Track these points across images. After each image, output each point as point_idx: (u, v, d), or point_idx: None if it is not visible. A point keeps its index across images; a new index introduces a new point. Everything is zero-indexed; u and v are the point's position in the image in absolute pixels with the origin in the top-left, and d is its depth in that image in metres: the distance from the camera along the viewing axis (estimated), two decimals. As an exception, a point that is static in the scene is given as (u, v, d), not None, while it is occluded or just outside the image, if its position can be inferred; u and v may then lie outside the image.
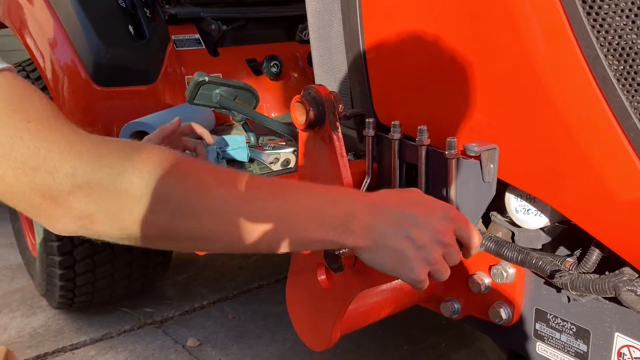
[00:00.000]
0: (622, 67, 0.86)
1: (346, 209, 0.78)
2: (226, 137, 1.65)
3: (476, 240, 0.85)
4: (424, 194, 0.88)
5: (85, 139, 0.65)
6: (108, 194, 0.65)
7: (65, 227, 0.66)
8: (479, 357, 2.26)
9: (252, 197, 0.74)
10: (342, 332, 1.24)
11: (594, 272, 1.04)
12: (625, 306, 0.97)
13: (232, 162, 1.68)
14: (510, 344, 1.30)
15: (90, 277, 2.31)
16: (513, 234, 1.23)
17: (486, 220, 1.25)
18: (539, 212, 1.13)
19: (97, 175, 0.64)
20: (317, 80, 1.47)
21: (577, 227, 1.15)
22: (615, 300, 1.05)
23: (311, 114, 1.07)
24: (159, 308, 2.64)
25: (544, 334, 1.21)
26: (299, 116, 1.09)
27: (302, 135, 1.16)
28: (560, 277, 1.04)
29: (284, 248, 0.76)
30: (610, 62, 0.86)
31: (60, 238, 2.17)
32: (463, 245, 0.84)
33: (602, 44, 0.86)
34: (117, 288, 2.46)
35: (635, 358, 1.05)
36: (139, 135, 1.78)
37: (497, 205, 1.18)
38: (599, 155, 0.91)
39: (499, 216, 1.25)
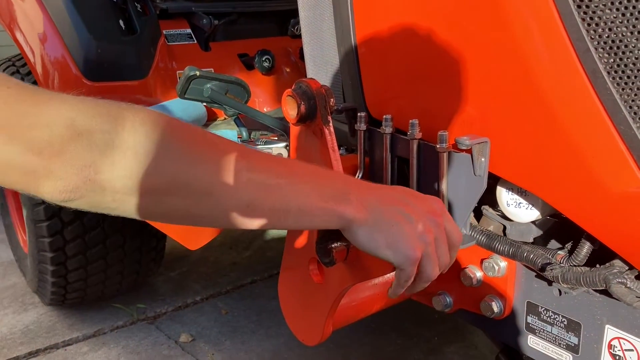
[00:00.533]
0: (612, 60, 0.86)
1: (342, 185, 0.79)
2: (217, 132, 1.65)
3: (460, 236, 0.85)
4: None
5: (75, 96, 0.63)
6: (111, 141, 0.62)
7: (67, 182, 0.61)
8: (471, 351, 2.27)
9: (255, 155, 0.74)
10: (335, 327, 1.24)
11: (585, 264, 1.05)
12: (616, 298, 0.97)
13: None
14: (502, 337, 1.31)
15: (83, 273, 2.30)
16: (504, 228, 1.23)
17: (478, 214, 1.25)
18: (530, 206, 1.14)
19: (97, 123, 0.62)
20: (309, 75, 1.47)
21: (568, 221, 1.15)
22: (605, 292, 1.06)
23: (302, 107, 1.07)
24: (152, 304, 2.64)
25: (535, 327, 1.21)
26: (290, 110, 1.09)
27: (294, 130, 1.15)
28: (551, 270, 1.04)
29: (284, 214, 0.74)
30: (601, 55, 0.87)
31: (52, 234, 2.16)
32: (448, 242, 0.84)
33: (593, 37, 0.86)
34: (109, 284, 2.45)
35: (625, 350, 1.06)
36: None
37: (489, 199, 1.18)
38: (589, 148, 0.91)
39: (490, 210, 1.26)
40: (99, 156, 0.62)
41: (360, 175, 1.29)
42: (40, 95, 0.61)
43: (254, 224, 0.74)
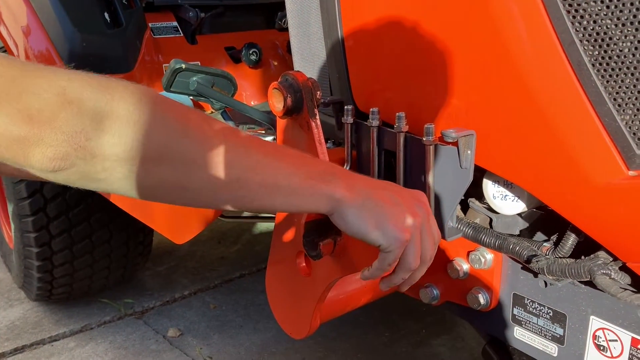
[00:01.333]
0: (597, 53, 0.87)
1: (330, 168, 0.81)
2: None
3: (439, 234, 0.88)
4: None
5: (64, 68, 0.63)
6: (101, 109, 0.62)
7: (58, 149, 0.61)
8: (458, 343, 2.29)
9: (244, 134, 0.75)
10: (323, 320, 1.24)
11: (570, 256, 1.05)
12: (600, 290, 0.98)
13: None
14: (489, 329, 1.32)
15: (69, 268, 2.29)
16: (491, 220, 1.24)
17: (464, 206, 1.26)
18: (516, 198, 1.14)
19: (87, 92, 0.62)
20: (296, 68, 1.46)
21: (554, 213, 1.16)
22: (590, 284, 1.07)
23: (289, 100, 1.06)
24: (140, 299, 2.63)
25: (521, 319, 1.22)
26: (277, 103, 1.09)
27: (280, 123, 1.15)
28: (537, 262, 1.05)
29: (273, 191, 0.74)
30: (586, 48, 0.87)
31: (37, 229, 2.14)
32: None
33: (578, 29, 0.86)
34: (96, 279, 2.44)
35: (609, 340, 1.07)
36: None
37: (475, 191, 1.18)
38: (574, 141, 0.91)
39: (477, 202, 1.26)
40: (89, 123, 0.62)
41: (347, 168, 1.29)
42: (30, 65, 0.61)
43: (243, 201, 0.74)
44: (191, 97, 1.94)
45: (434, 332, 2.35)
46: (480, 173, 1.12)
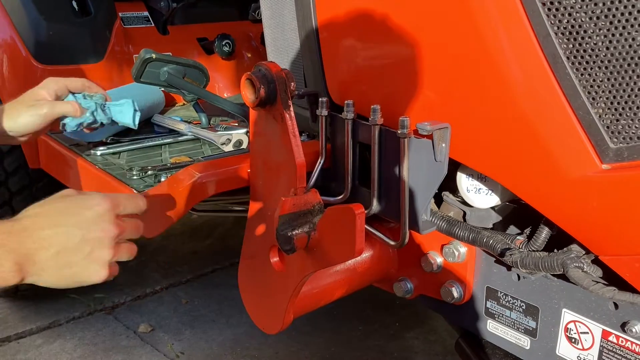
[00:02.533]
0: (571, 46, 0.86)
1: None
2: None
3: (142, 204, 0.94)
4: (77, 193, 0.89)
5: None
6: None
7: None
8: (431, 336, 2.30)
9: None
10: (296, 315, 1.22)
11: (543, 250, 1.06)
12: (573, 283, 0.99)
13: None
14: (462, 323, 1.32)
15: (36, 263, 2.22)
16: (464, 214, 1.24)
17: (438, 200, 1.25)
18: (490, 191, 1.14)
19: None
20: (270, 59, 1.44)
21: (527, 206, 1.16)
22: (563, 277, 1.07)
23: (262, 91, 1.04)
24: (110, 294, 2.58)
25: (494, 312, 1.23)
26: (250, 94, 1.06)
27: (253, 114, 1.13)
28: (510, 255, 1.05)
29: None
30: (560, 40, 0.87)
31: None
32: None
33: (553, 22, 0.86)
34: (64, 274, 2.37)
35: (581, 332, 1.08)
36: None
37: (449, 185, 1.18)
38: (548, 134, 0.91)
39: (450, 196, 1.26)
40: None
41: (321, 162, 1.27)
42: None
43: None
44: (162, 89, 1.91)
45: (407, 325, 2.36)
46: (454, 166, 1.12)
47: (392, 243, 1.17)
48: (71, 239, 0.82)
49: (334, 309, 2.40)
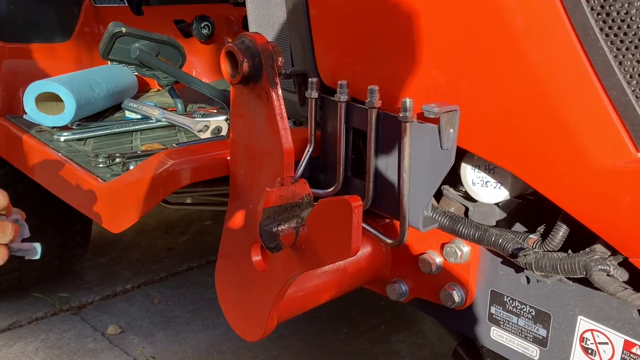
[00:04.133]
0: (606, 15, 0.75)
1: None
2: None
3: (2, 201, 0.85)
4: None
5: None
6: None
7: None
8: (419, 339, 2.18)
9: None
10: (279, 320, 1.10)
11: (560, 250, 0.94)
12: (596, 288, 0.87)
13: None
14: (462, 329, 1.20)
15: (-5, 259, 2.06)
16: (467, 209, 1.12)
17: (437, 194, 1.13)
18: (499, 185, 1.03)
19: None
20: (253, 36, 1.30)
21: (535, 201, 1.05)
22: (580, 281, 0.96)
23: (245, 66, 0.91)
24: (77, 293, 2.42)
25: (499, 318, 1.11)
26: (230, 68, 0.93)
27: (234, 93, 0.99)
28: (524, 256, 0.93)
29: None
30: (593, 8, 0.75)
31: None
32: None
33: (586, -14, 0.74)
34: (27, 271, 2.21)
35: (599, 343, 0.97)
36: (49, 97, 1.55)
37: (450, 177, 1.06)
38: (575, 117, 0.80)
39: (451, 190, 1.14)
40: None
41: (310, 150, 1.14)
42: None
43: None
44: (135, 72, 1.76)
45: (394, 328, 2.24)
46: (457, 156, 0.99)
47: (389, 241, 1.05)
48: None
49: (316, 310, 2.26)
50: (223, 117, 1.52)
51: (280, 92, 0.93)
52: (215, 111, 1.67)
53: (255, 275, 1.05)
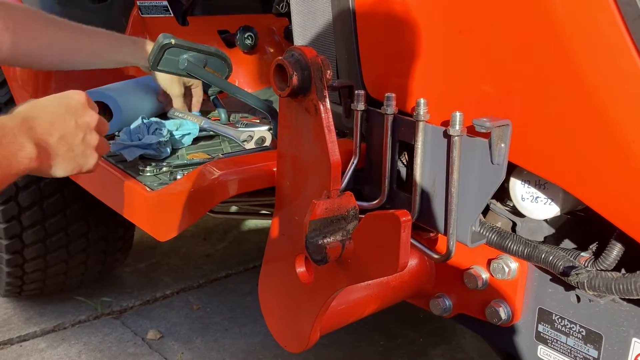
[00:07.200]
0: (668, 29, 0.73)
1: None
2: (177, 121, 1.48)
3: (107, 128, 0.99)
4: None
5: None
6: None
7: None
8: (458, 354, 2.15)
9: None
10: (322, 332, 1.09)
11: (613, 269, 0.92)
12: (653, 310, 0.84)
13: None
14: (507, 347, 1.18)
15: (41, 263, 2.11)
16: (514, 225, 1.10)
17: (483, 209, 1.11)
18: (549, 201, 1.00)
19: None
20: (298, 48, 1.31)
21: (584, 218, 1.03)
22: (634, 302, 0.93)
23: (295, 79, 0.91)
24: (118, 297, 2.46)
25: (547, 337, 1.08)
26: (280, 82, 0.94)
27: (283, 105, 1.00)
28: (576, 274, 0.91)
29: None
30: (656, 23, 0.73)
31: (7, 220, 1.96)
32: None
33: (647, 0, 0.72)
34: (71, 275, 2.26)
35: (654, 367, 0.94)
36: (98, 106, 1.59)
37: (498, 192, 1.04)
38: (634, 135, 0.77)
39: (498, 204, 1.12)
40: None
41: (355, 162, 1.14)
42: None
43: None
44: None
45: (432, 342, 2.21)
46: (506, 171, 0.98)
47: (435, 256, 1.04)
48: (68, 124, 0.89)
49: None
50: (266, 127, 1.53)
51: (328, 105, 0.93)
52: (258, 121, 1.68)
53: (299, 287, 1.05)
